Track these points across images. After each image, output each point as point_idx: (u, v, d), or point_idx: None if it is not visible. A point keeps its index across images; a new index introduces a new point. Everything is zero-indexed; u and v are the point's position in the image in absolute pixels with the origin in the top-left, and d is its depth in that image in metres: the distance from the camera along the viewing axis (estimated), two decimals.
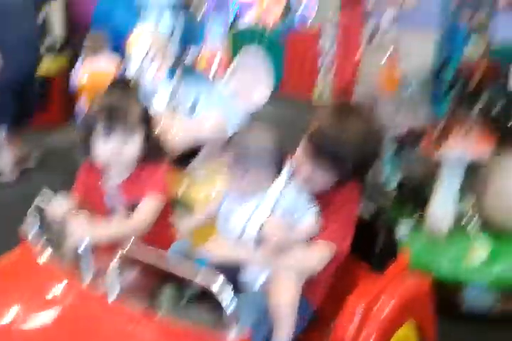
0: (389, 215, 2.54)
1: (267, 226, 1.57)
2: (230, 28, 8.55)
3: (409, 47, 3.58)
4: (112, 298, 1.37)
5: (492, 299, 2.57)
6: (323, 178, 1.61)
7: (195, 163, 2.30)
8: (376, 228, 1.79)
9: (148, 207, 1.64)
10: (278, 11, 9.81)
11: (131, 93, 1.73)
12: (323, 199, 1.65)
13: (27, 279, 1.53)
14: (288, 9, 9.53)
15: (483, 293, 2.56)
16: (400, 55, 3.12)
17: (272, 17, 8.85)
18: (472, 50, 4.81)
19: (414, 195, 2.99)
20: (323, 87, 7.07)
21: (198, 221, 1.84)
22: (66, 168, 4.41)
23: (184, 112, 2.34)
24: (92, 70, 4.16)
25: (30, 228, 1.63)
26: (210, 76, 2.33)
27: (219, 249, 1.61)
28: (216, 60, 2.38)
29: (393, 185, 3.09)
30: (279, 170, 1.63)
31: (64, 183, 1.67)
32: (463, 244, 2.68)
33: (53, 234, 1.67)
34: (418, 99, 3.04)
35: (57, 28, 6.31)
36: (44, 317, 1.40)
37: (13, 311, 1.41)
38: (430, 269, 2.52)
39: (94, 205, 1.73)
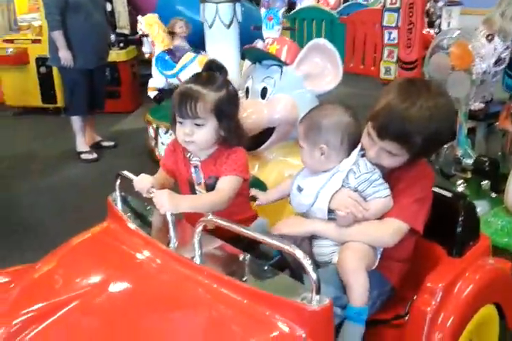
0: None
1: (339, 198, 1.56)
2: (289, 10, 8.43)
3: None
4: (197, 261, 1.41)
5: None
6: (392, 159, 1.57)
7: (266, 144, 2.27)
8: (457, 209, 1.71)
9: (228, 185, 1.66)
10: None
11: (212, 80, 1.68)
12: (393, 177, 1.62)
13: (116, 246, 1.60)
14: None
15: None
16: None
17: None
18: None
19: (492, 172, 2.89)
20: (389, 62, 6.90)
21: (270, 198, 1.87)
22: (135, 150, 4.69)
23: (256, 95, 2.30)
24: None
25: (119, 198, 1.73)
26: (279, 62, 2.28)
27: (291, 226, 1.63)
28: (285, 48, 2.32)
29: (470, 161, 2.98)
30: (353, 146, 1.61)
31: (133, 164, 1.73)
32: None
33: (139, 204, 1.76)
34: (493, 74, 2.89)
35: (122, 19, 6.56)
36: (133, 280, 1.47)
37: (106, 275, 1.49)
38: (510, 247, 2.46)
39: (181, 177, 1.81)
